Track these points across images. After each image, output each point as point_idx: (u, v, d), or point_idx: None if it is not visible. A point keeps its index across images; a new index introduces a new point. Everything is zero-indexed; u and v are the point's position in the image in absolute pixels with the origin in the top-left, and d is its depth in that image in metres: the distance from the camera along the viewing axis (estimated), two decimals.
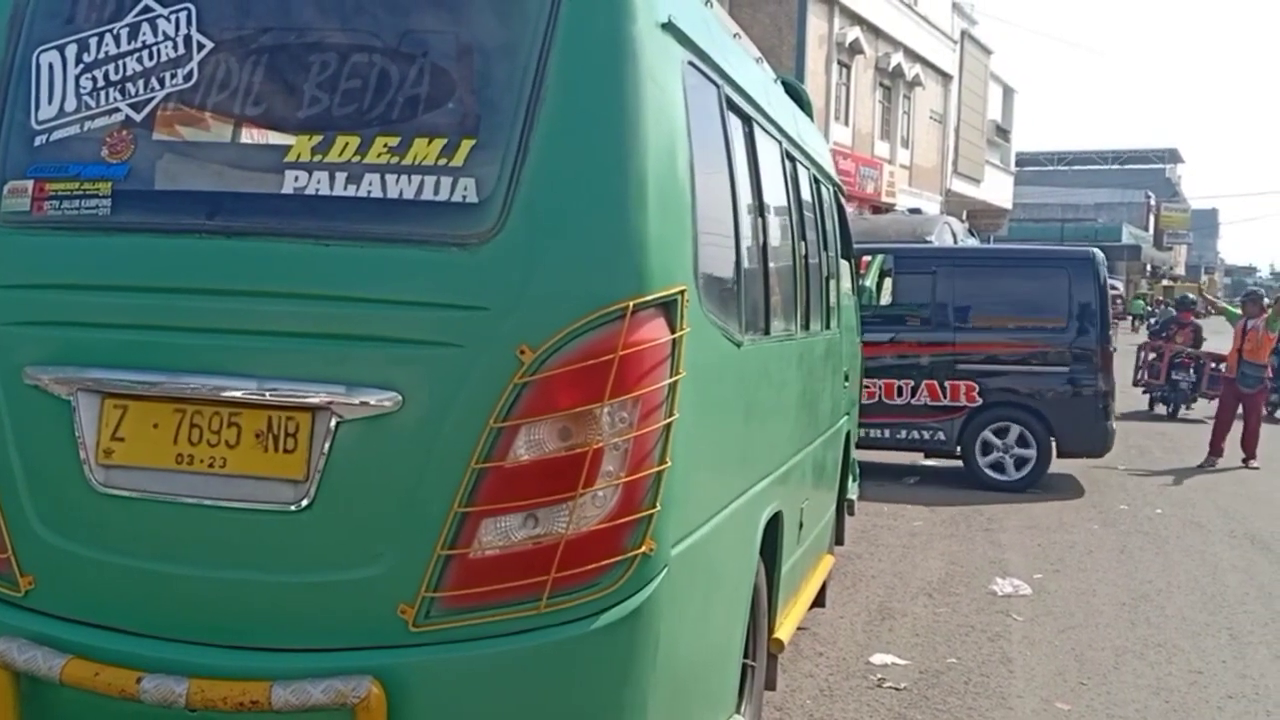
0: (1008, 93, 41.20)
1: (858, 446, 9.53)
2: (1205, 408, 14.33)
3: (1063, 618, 5.71)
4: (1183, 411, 15.25)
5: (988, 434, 9.27)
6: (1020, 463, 9.27)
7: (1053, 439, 9.22)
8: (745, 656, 3.32)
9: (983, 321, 9.35)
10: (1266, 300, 11.82)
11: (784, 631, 3.90)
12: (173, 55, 2.46)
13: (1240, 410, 11.06)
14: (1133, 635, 5.43)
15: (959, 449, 9.34)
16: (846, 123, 26.05)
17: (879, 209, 25.02)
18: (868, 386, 9.17)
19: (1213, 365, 14.61)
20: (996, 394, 9.23)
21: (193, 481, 2.34)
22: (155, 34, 2.47)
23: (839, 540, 6.11)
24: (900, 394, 9.31)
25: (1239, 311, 11.76)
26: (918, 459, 10.21)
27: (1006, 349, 9.28)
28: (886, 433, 9.38)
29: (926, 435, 9.36)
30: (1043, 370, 9.22)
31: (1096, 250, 9.75)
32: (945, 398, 9.28)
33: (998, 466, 9.31)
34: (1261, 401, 11.42)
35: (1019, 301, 9.41)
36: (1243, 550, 7.39)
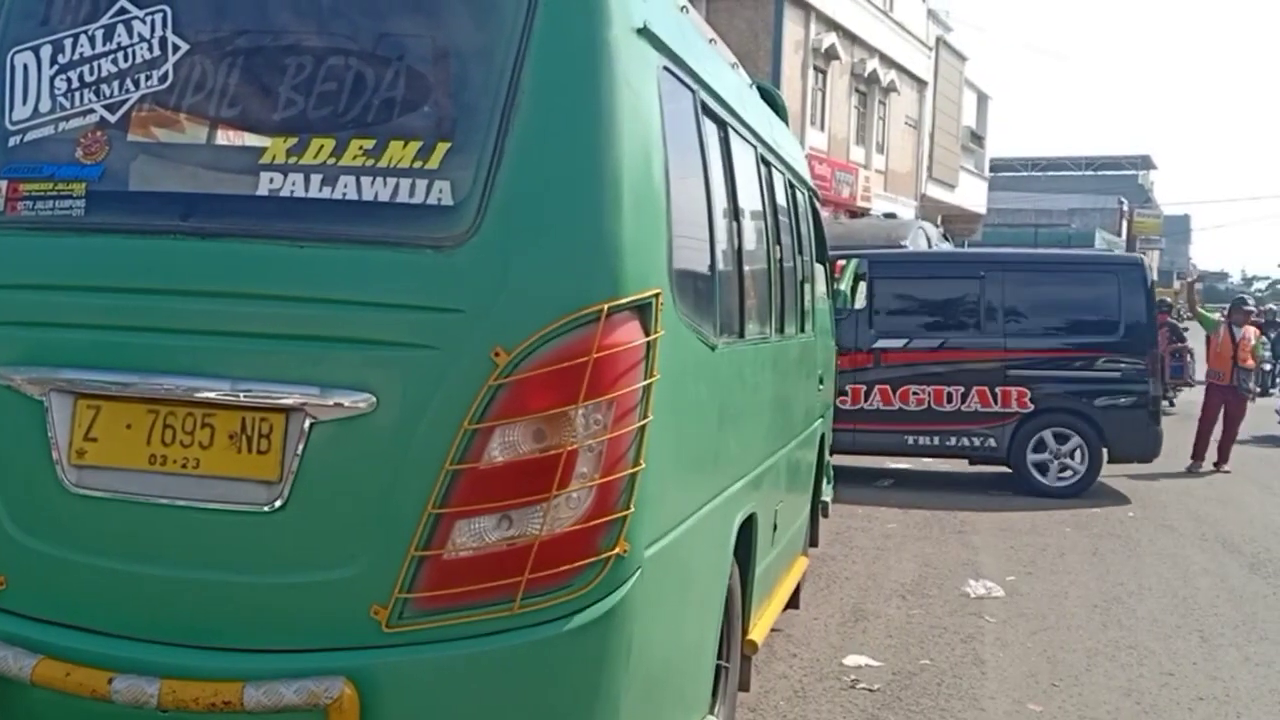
0: (982, 99, 41.52)
1: (907, 454, 9.63)
2: (1186, 406, 14.50)
3: (1035, 619, 5.77)
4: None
5: (1038, 439, 9.27)
6: (1071, 468, 9.29)
7: (1104, 445, 9.25)
8: (719, 657, 3.33)
9: (1034, 326, 9.33)
10: (1249, 307, 12.04)
11: (758, 633, 3.92)
12: (148, 57, 2.46)
13: (1222, 416, 11.21)
14: (1104, 637, 5.49)
15: (1009, 455, 9.29)
16: (822, 128, 26.18)
17: (855, 213, 25.15)
18: (917, 393, 9.21)
19: (1189, 359, 15.15)
20: (1048, 400, 9.21)
21: (166, 482, 2.34)
22: (131, 35, 2.47)
23: (813, 542, 6.14)
24: (950, 400, 9.28)
25: (1216, 318, 11.90)
26: (885, 461, 10.26)
27: (1058, 354, 9.28)
28: (936, 439, 9.37)
29: (977, 442, 9.32)
30: (1094, 375, 9.24)
31: (1143, 256, 9.85)
32: (996, 404, 9.25)
33: (1046, 471, 9.30)
34: (1245, 409, 11.58)
35: (1070, 306, 9.43)
36: (1214, 553, 7.48)
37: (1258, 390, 13.54)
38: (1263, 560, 7.28)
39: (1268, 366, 17.73)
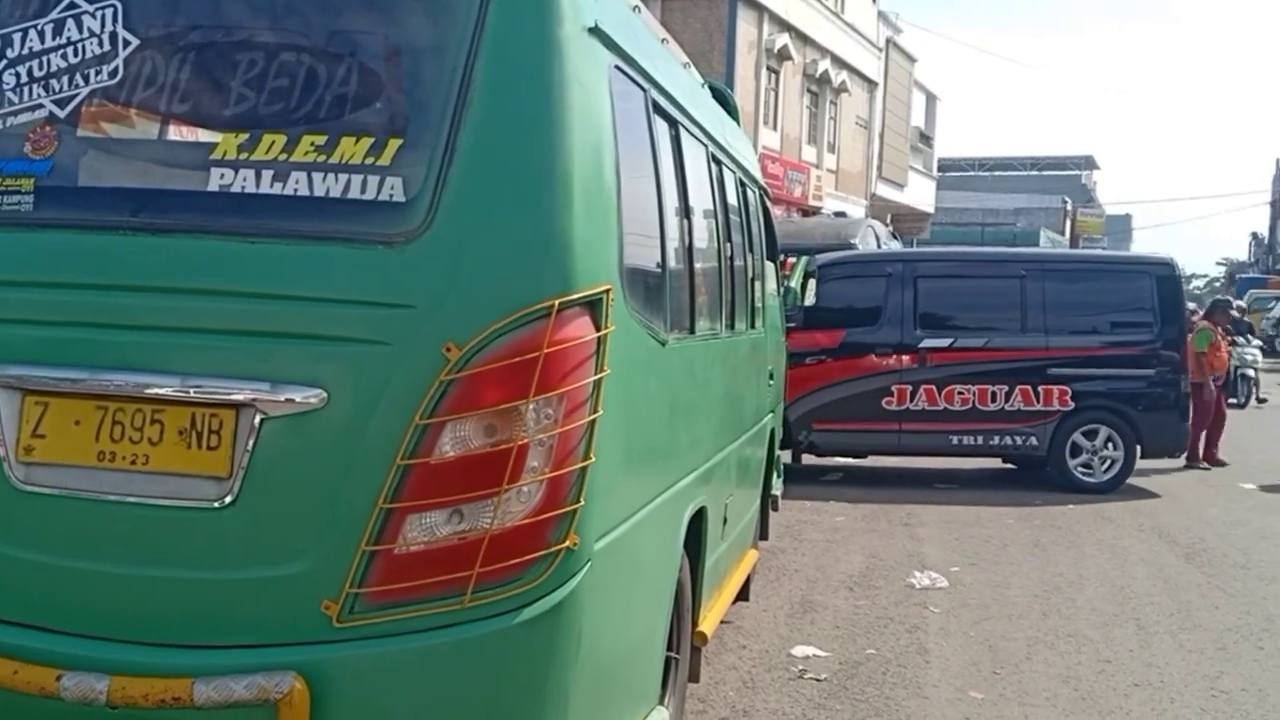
0: (931, 100, 42.05)
1: (946, 455, 9.70)
2: None
3: (978, 609, 5.90)
4: None
5: (1077, 437, 9.42)
6: (1107, 464, 9.47)
7: (1139, 441, 9.44)
8: (669, 649, 3.38)
9: (1073, 325, 9.49)
10: (1232, 310, 12.30)
11: (708, 625, 3.98)
12: (98, 52, 2.45)
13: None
14: (1044, 626, 5.62)
15: (1049, 453, 9.42)
16: (775, 127, 26.37)
17: (806, 212, 25.37)
18: (962, 393, 9.31)
19: None
20: (1088, 398, 9.37)
21: (115, 479, 2.33)
22: (81, 30, 2.45)
23: (763, 535, 6.22)
24: (994, 399, 9.37)
25: (1206, 326, 11.86)
26: (835, 459, 10.39)
27: (1098, 353, 9.45)
28: (980, 439, 9.47)
29: (1020, 440, 9.44)
30: (1131, 373, 9.43)
31: (1174, 257, 10.06)
32: (1039, 402, 9.37)
33: (1086, 468, 9.48)
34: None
35: (1107, 306, 9.60)
36: (1150, 544, 7.68)
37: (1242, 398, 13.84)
38: (1198, 550, 7.49)
39: (1250, 373, 17.27)
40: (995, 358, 9.44)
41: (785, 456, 9.40)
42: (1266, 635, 5.52)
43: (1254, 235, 67.34)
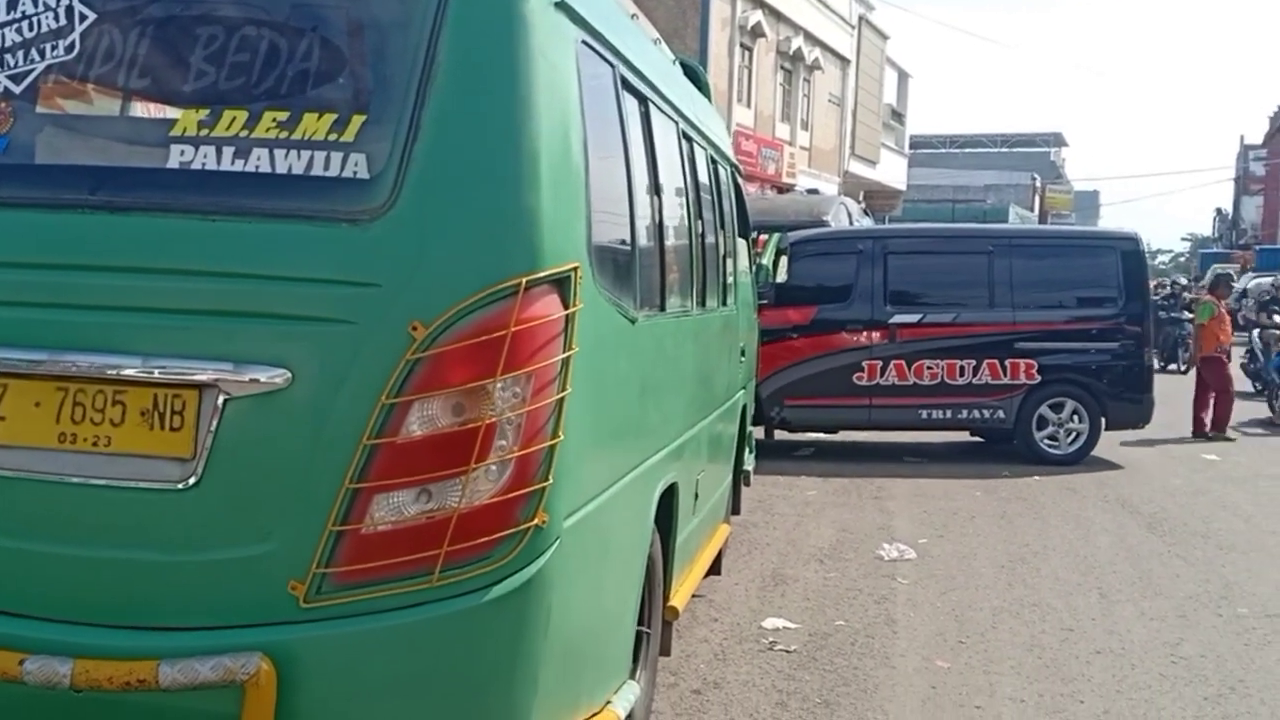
0: (903, 77, 42.05)
1: (916, 429, 9.76)
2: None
3: (945, 580, 5.97)
4: None
5: (1044, 409, 9.52)
6: (1072, 436, 9.58)
7: (1104, 414, 9.57)
8: (640, 624, 3.40)
9: (1040, 300, 9.58)
10: (1234, 283, 12.47)
11: (679, 599, 4.01)
12: (54, 26, 2.40)
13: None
14: (1009, 595, 5.70)
15: (1015, 426, 9.53)
16: (749, 105, 26.30)
17: (780, 189, 25.37)
18: (931, 368, 9.37)
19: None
20: (1055, 371, 9.48)
21: (77, 461, 2.31)
22: (35, 4, 2.41)
23: (735, 510, 6.26)
24: (963, 374, 9.46)
25: (1210, 300, 12.10)
26: (807, 435, 10.46)
27: (1064, 327, 9.56)
28: (948, 413, 9.55)
29: (987, 414, 9.54)
30: (1097, 347, 9.54)
31: (1138, 233, 10.15)
32: (1006, 376, 9.47)
33: (1052, 440, 9.59)
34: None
35: (1073, 281, 9.70)
36: (1114, 514, 7.80)
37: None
38: (1159, 519, 7.62)
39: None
40: (963, 333, 9.53)
41: (758, 432, 9.52)
42: (1225, 602, 5.63)
43: (1218, 211, 68.16)
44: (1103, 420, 9.66)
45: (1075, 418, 9.59)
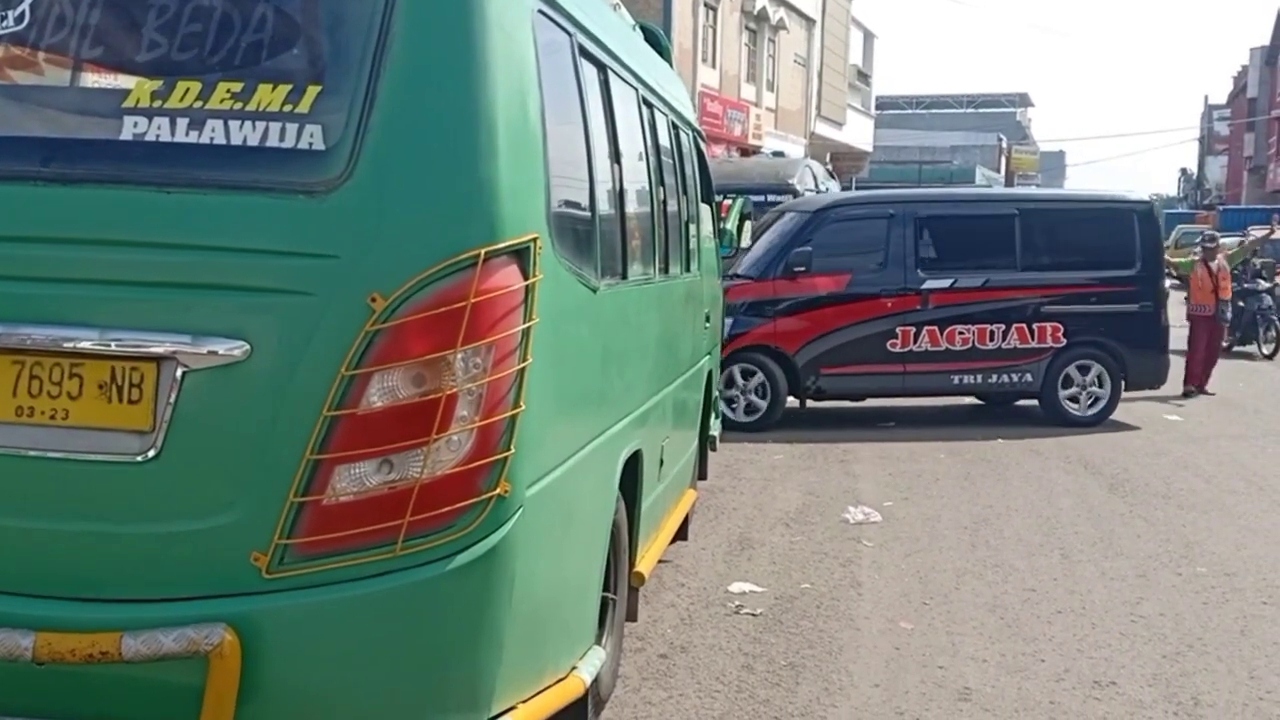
0: (868, 37, 41.95)
1: (948, 394, 9.81)
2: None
3: (909, 542, 6.06)
4: None
5: (1070, 370, 9.65)
6: (1093, 399, 9.73)
7: (1124, 375, 9.73)
8: (606, 590, 3.44)
9: (1064, 262, 9.68)
10: (1215, 242, 12.84)
11: (645, 565, 4.05)
12: None
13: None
14: (973, 557, 5.80)
15: (1042, 389, 9.64)
16: (714, 65, 26.15)
17: (746, 151, 25.32)
18: (962, 333, 9.46)
19: None
20: (1080, 333, 9.59)
21: (35, 434, 2.30)
22: None
23: (702, 475, 6.31)
24: (993, 338, 9.52)
25: (1191, 260, 12.48)
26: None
27: (1088, 289, 9.66)
28: (979, 378, 9.63)
29: (1016, 378, 9.63)
30: (1118, 309, 9.66)
31: (1152, 198, 10.29)
32: (1034, 340, 9.57)
33: (1073, 402, 9.72)
34: (1224, 335, 12.43)
35: (1096, 245, 9.82)
36: (1076, 475, 7.93)
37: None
38: (1120, 480, 7.75)
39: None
40: (993, 296, 9.63)
41: (793, 402, 9.59)
42: (1185, 562, 5.76)
43: (1183, 171, 68.79)
44: (1123, 381, 9.85)
45: (1098, 381, 9.77)
